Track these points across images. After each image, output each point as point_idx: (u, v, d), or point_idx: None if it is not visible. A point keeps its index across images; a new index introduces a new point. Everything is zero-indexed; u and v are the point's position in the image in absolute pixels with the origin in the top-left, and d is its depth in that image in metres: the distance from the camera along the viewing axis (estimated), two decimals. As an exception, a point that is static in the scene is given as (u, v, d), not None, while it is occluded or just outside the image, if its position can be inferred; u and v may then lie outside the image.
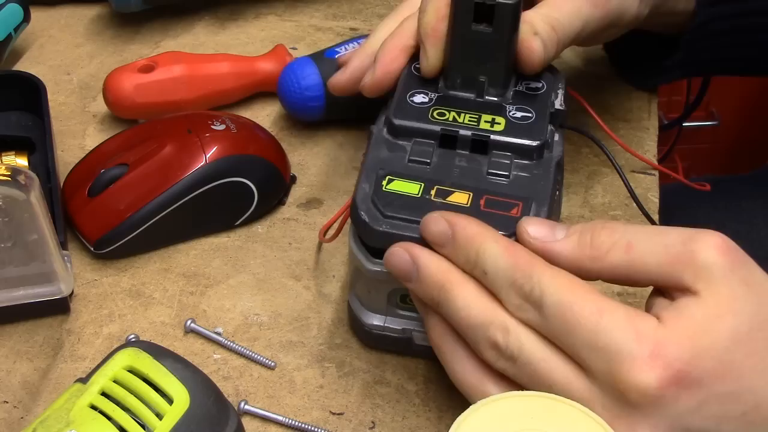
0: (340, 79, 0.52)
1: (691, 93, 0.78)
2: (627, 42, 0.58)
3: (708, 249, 0.37)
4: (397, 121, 0.45)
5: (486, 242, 0.39)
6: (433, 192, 0.43)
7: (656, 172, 0.58)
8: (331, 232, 0.50)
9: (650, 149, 0.60)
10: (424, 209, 0.41)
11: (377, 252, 0.43)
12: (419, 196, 0.43)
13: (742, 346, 0.36)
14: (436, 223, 0.40)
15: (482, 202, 0.42)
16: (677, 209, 0.72)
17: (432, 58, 0.47)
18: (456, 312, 0.39)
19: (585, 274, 0.38)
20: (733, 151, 1.51)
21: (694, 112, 0.80)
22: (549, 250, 0.39)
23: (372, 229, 0.42)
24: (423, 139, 0.45)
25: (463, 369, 0.40)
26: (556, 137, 0.46)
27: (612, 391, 0.36)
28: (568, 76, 0.50)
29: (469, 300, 0.39)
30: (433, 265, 0.40)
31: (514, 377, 0.38)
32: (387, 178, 0.43)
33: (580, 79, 0.65)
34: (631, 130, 0.61)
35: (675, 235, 0.37)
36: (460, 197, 0.42)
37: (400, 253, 0.41)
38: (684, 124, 0.87)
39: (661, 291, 0.38)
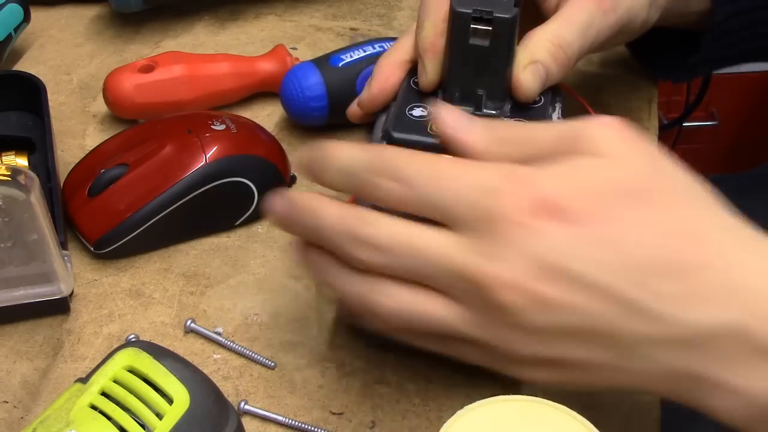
0: (356, 110, 0.53)
1: (691, 93, 0.79)
2: (648, 36, 0.58)
3: (600, 124, 0.38)
4: (396, 134, 0.46)
5: (338, 151, 0.40)
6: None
7: (656, 172, 0.58)
8: None
9: (650, 149, 0.60)
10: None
11: None
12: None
13: (624, 197, 0.37)
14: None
15: None
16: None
17: (430, 73, 0.48)
18: (324, 230, 0.39)
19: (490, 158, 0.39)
20: (733, 151, 1.51)
21: (694, 112, 0.80)
22: (460, 139, 0.40)
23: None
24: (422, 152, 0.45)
25: (351, 286, 0.40)
26: None
27: (481, 227, 0.36)
28: (569, 76, 0.50)
29: (332, 213, 0.39)
30: (300, 197, 0.40)
31: (393, 268, 0.38)
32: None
33: (580, 79, 0.65)
34: (631, 130, 0.61)
35: (573, 121, 0.39)
36: None
37: (276, 201, 0.41)
38: (684, 124, 0.87)
39: None
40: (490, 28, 0.45)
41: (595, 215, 0.36)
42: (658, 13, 0.53)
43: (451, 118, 0.40)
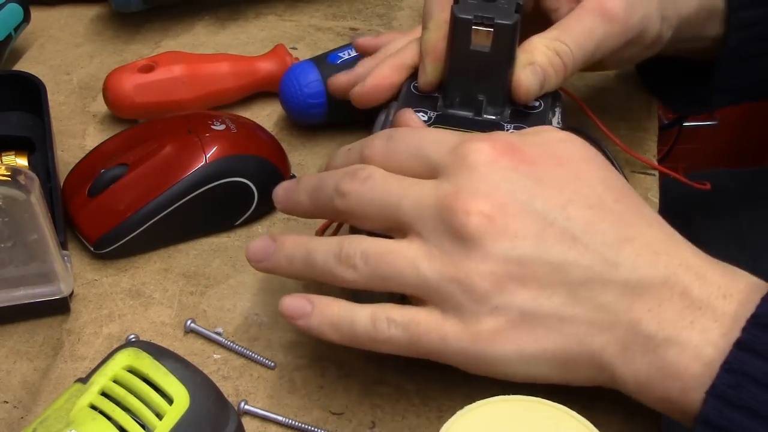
0: (341, 80, 0.54)
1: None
2: (659, 65, 0.57)
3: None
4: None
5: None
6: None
7: (656, 172, 0.58)
8: (329, 231, 0.50)
9: (650, 149, 0.60)
10: None
11: None
12: None
13: (573, 150, 0.42)
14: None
15: None
16: (677, 209, 0.72)
17: (430, 75, 0.49)
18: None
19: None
20: (733, 151, 1.51)
21: (693, 112, 0.80)
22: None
23: None
24: None
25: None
26: None
27: (455, 169, 0.40)
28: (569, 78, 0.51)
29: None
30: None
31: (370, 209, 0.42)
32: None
33: (580, 79, 0.65)
34: (631, 130, 0.61)
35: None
36: None
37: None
38: (684, 124, 0.87)
39: None
40: (492, 34, 0.45)
41: (545, 163, 0.41)
42: (670, 32, 0.52)
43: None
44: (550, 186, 0.40)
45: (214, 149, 0.52)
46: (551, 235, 0.39)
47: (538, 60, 0.47)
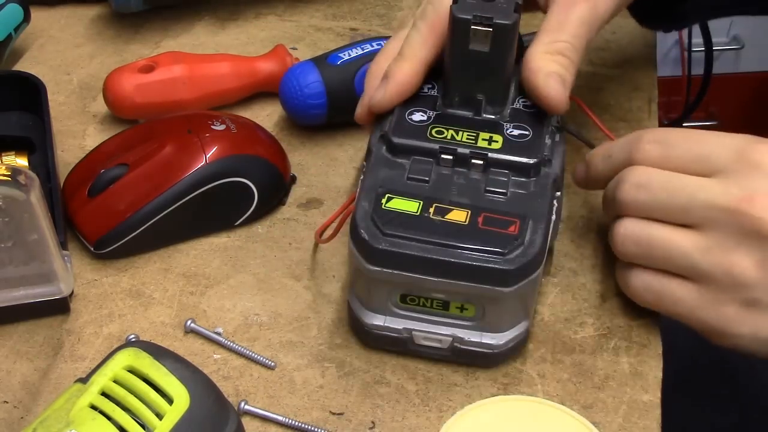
0: (365, 113, 0.50)
1: (691, 93, 0.79)
2: None
3: None
4: (395, 140, 0.46)
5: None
6: (431, 210, 0.44)
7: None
8: (329, 232, 0.50)
9: (650, 149, 0.60)
10: (422, 227, 0.43)
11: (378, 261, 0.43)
12: (418, 213, 0.43)
13: None
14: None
15: (480, 219, 0.43)
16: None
17: (384, 99, 0.48)
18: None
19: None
20: (733, 151, 1.51)
21: (694, 112, 0.80)
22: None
23: (372, 247, 0.43)
24: (421, 157, 0.46)
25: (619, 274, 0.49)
26: (557, 149, 0.46)
27: (738, 168, 0.43)
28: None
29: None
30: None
31: (652, 208, 0.45)
32: (386, 196, 0.44)
33: (580, 80, 0.65)
34: (631, 130, 0.61)
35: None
36: (459, 215, 0.43)
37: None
38: (684, 124, 0.87)
39: None
40: (491, 34, 0.45)
41: None
42: None
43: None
44: None
45: (214, 149, 0.52)
46: None
47: (548, 69, 0.46)
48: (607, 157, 0.49)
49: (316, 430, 0.44)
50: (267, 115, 0.62)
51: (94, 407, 0.37)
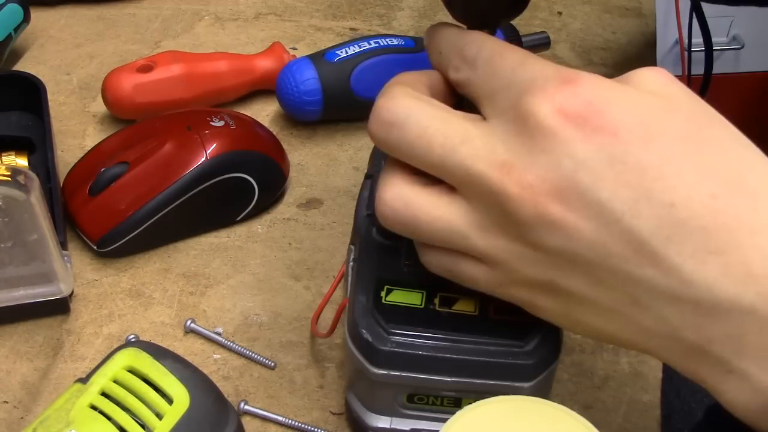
0: None
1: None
2: None
3: (645, 69, 0.35)
4: None
5: (445, 29, 0.39)
6: (436, 300, 0.40)
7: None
8: (324, 322, 0.47)
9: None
10: (429, 321, 0.39)
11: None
12: (422, 306, 0.40)
13: (676, 124, 0.33)
14: (426, 34, 0.40)
15: (491, 308, 0.39)
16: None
17: None
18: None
19: None
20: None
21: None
22: None
23: (376, 349, 0.39)
24: None
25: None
26: None
27: (514, 123, 0.33)
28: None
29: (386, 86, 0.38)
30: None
31: (406, 153, 0.35)
32: (385, 288, 0.40)
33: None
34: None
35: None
36: (467, 305, 0.40)
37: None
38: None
39: None
40: None
41: (632, 133, 0.32)
42: None
43: None
44: (621, 163, 0.32)
45: (214, 146, 0.52)
46: (607, 232, 0.32)
47: None
48: (437, 53, 0.39)
49: (316, 430, 0.44)
50: (267, 115, 0.62)
51: (94, 407, 0.37)
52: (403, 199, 0.36)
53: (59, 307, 0.49)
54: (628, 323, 0.34)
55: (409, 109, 0.35)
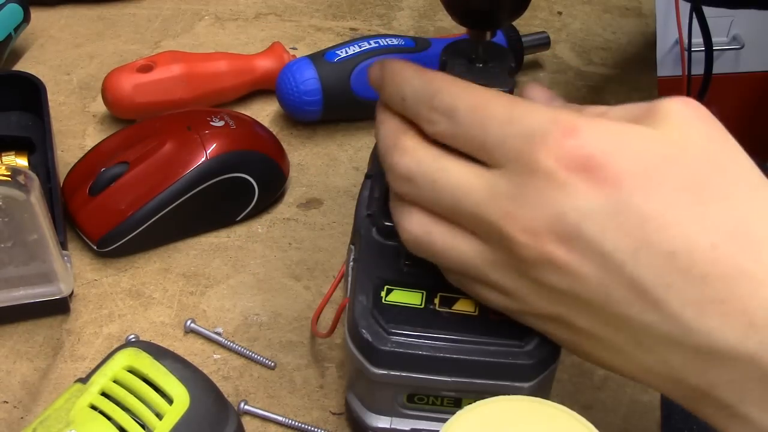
0: None
1: (691, 93, 0.79)
2: None
3: (673, 100, 0.35)
4: (387, 223, 0.42)
5: (405, 71, 0.38)
6: (436, 300, 0.40)
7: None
8: (324, 322, 0.47)
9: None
10: (429, 322, 0.39)
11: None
12: (422, 306, 0.40)
13: (676, 177, 0.33)
14: (373, 70, 0.40)
15: (491, 308, 0.39)
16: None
17: None
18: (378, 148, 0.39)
19: None
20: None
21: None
22: None
23: (377, 349, 0.39)
24: None
25: (392, 205, 0.39)
26: None
27: (516, 171, 0.34)
28: (569, 76, 0.50)
29: (384, 130, 0.38)
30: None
31: (422, 200, 0.37)
32: (385, 288, 0.40)
33: (580, 79, 0.66)
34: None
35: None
36: (467, 304, 0.40)
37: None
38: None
39: None
40: None
41: (635, 183, 0.32)
42: None
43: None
44: (622, 213, 0.33)
45: (214, 145, 0.52)
46: (608, 277, 0.33)
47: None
48: (401, 100, 0.38)
49: (316, 430, 0.44)
50: (267, 115, 0.62)
51: (94, 407, 0.37)
52: (424, 227, 0.37)
53: (59, 307, 0.49)
54: (632, 361, 0.35)
55: (419, 164, 0.37)
